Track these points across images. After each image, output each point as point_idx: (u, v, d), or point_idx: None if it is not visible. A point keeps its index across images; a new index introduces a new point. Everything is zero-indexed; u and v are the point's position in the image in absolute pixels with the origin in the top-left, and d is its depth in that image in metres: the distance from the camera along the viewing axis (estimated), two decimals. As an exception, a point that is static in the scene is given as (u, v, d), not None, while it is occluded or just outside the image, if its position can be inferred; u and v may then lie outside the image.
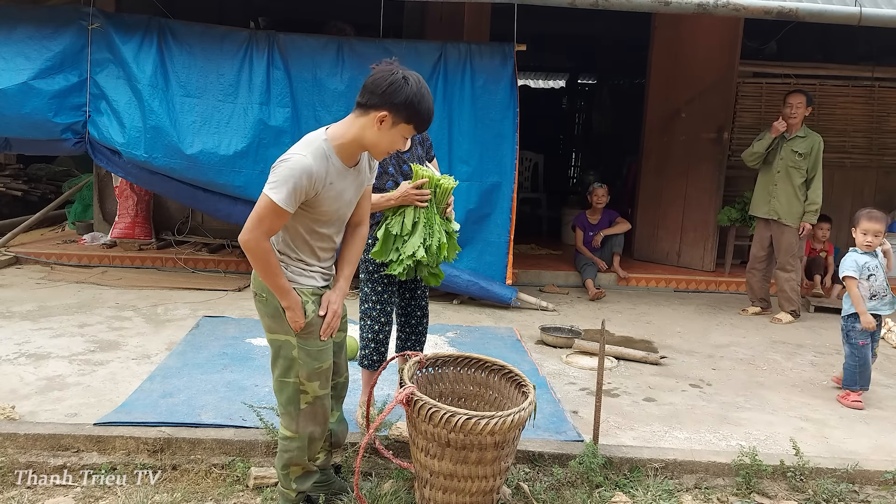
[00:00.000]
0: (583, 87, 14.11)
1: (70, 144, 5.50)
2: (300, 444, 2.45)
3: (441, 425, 2.35)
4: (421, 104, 2.24)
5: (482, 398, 2.90)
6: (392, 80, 2.21)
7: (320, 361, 2.40)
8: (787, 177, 5.55)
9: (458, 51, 5.64)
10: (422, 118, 2.27)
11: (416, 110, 2.23)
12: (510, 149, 5.66)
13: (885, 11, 4.99)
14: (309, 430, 2.45)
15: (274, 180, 2.18)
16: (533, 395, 2.57)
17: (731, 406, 3.80)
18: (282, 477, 2.53)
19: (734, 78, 6.70)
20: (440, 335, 4.74)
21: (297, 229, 2.35)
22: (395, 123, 2.24)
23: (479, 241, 5.70)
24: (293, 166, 2.18)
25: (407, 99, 2.21)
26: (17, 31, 5.34)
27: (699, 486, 3.02)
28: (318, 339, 2.39)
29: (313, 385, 2.40)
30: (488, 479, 2.49)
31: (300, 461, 2.48)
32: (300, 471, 2.51)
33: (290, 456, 2.46)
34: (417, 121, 2.26)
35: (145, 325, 4.71)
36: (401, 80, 2.21)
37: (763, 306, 5.91)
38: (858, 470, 3.06)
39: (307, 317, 2.35)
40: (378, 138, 2.26)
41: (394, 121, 2.23)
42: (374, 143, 2.28)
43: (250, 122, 5.44)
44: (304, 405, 2.41)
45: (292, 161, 2.19)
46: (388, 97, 2.20)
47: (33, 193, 8.88)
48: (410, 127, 2.27)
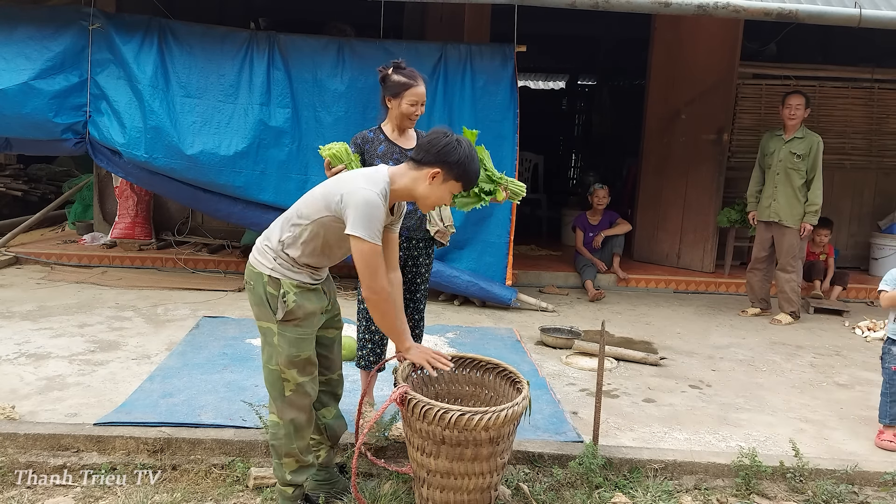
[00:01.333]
0: (583, 88, 14.12)
1: (70, 145, 5.50)
2: (286, 430, 2.52)
3: (435, 423, 2.36)
4: (471, 165, 2.49)
5: (478, 398, 2.91)
6: (447, 142, 2.46)
7: (298, 350, 2.49)
8: (786, 178, 5.56)
9: (458, 52, 5.64)
10: (470, 178, 2.52)
11: (465, 170, 2.48)
12: (510, 150, 5.66)
13: (885, 13, 5.00)
14: (291, 416, 2.52)
15: (359, 222, 2.31)
16: (527, 390, 2.58)
17: (731, 407, 3.80)
18: (276, 467, 2.59)
19: (734, 79, 6.70)
20: (440, 336, 4.74)
21: (327, 240, 2.45)
22: (446, 180, 2.48)
23: (479, 241, 5.70)
24: (371, 202, 2.33)
25: (459, 160, 2.46)
26: (18, 31, 5.34)
27: (699, 487, 3.02)
28: (295, 327, 2.48)
29: (292, 372, 2.49)
30: (485, 475, 2.50)
31: (290, 450, 2.54)
32: (294, 464, 2.56)
33: (279, 444, 2.53)
34: (466, 180, 2.51)
35: (145, 326, 4.72)
36: (454, 143, 2.46)
37: (763, 307, 5.91)
38: (858, 471, 3.07)
39: (287, 306, 2.44)
40: (429, 192, 2.49)
41: (445, 178, 2.47)
42: (425, 196, 2.50)
43: (251, 123, 5.45)
44: (288, 392, 2.51)
45: (369, 198, 2.33)
46: (442, 156, 2.45)
47: (33, 194, 8.88)
48: (459, 185, 2.51)
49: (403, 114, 3.14)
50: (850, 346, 5.15)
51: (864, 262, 7.54)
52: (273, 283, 2.46)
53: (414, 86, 3.11)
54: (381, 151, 3.18)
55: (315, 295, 2.52)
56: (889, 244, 7.19)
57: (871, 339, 5.33)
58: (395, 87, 3.12)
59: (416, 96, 3.12)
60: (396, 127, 3.21)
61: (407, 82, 3.11)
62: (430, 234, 3.35)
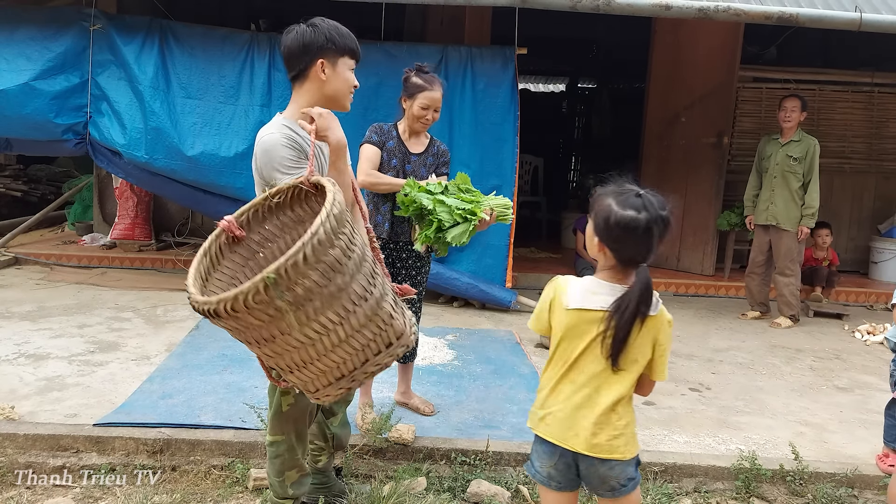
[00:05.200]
0: (583, 91, 14.14)
1: (71, 145, 5.50)
2: (288, 444, 2.36)
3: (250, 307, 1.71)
4: (339, 30, 2.26)
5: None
6: (305, 36, 2.22)
7: None
8: (783, 182, 5.56)
9: (458, 54, 5.65)
10: (347, 42, 2.27)
11: (339, 36, 2.25)
12: (510, 152, 5.67)
13: (885, 17, 5.01)
14: (293, 429, 2.37)
15: (271, 170, 2.15)
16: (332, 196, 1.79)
17: (731, 410, 3.80)
18: (277, 486, 2.42)
19: (734, 83, 6.71)
20: (440, 338, 4.74)
21: None
22: (333, 63, 2.25)
23: (479, 244, 5.70)
24: (269, 143, 2.18)
25: (327, 37, 2.23)
26: (19, 31, 5.35)
27: (698, 490, 3.02)
28: None
29: None
30: (321, 335, 1.82)
31: (293, 462, 2.40)
32: (296, 475, 2.42)
33: (281, 461, 2.37)
34: (346, 45, 2.27)
35: (145, 327, 4.71)
36: (309, 30, 2.22)
37: (762, 311, 5.91)
38: (858, 474, 3.06)
39: None
40: (332, 87, 2.27)
41: (332, 61, 2.24)
42: (332, 93, 2.27)
43: (251, 124, 5.45)
44: (285, 407, 2.33)
45: (266, 141, 2.18)
46: (312, 47, 2.22)
47: (33, 194, 8.88)
48: (347, 56, 2.28)
49: (415, 115, 3.16)
50: (849, 349, 5.15)
51: (863, 265, 7.55)
52: None
53: (428, 89, 3.13)
54: (391, 147, 3.21)
55: None
56: (889, 248, 7.20)
57: (871, 342, 5.33)
58: (412, 89, 3.16)
59: (428, 100, 3.13)
60: (409, 128, 3.23)
61: (423, 85, 3.14)
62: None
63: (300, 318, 1.79)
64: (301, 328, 1.81)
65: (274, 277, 1.69)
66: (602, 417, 1.89)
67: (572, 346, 1.92)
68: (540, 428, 1.95)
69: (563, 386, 1.93)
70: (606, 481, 1.91)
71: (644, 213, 1.85)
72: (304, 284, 1.74)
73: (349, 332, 1.85)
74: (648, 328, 1.88)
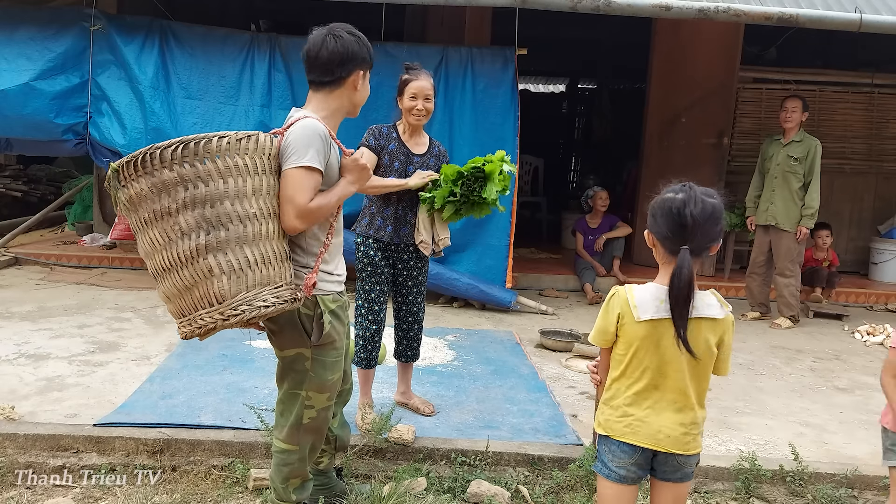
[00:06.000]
0: (583, 92, 14.14)
1: (71, 145, 5.50)
2: (300, 455, 2.37)
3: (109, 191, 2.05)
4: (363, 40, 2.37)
5: None
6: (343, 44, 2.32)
7: (333, 373, 2.31)
8: (784, 182, 5.56)
9: (459, 55, 5.65)
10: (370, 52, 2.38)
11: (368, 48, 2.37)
12: (511, 152, 5.61)
13: (885, 18, 5.01)
14: (310, 441, 2.38)
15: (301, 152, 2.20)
16: (234, 136, 2.03)
17: (731, 411, 3.80)
18: (281, 490, 2.42)
19: (734, 83, 6.72)
20: (440, 338, 4.74)
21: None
22: (365, 75, 2.38)
23: (479, 244, 5.70)
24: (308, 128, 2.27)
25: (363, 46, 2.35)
26: (20, 32, 5.35)
27: (699, 491, 3.02)
28: (334, 349, 2.31)
29: (321, 397, 2.31)
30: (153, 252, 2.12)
31: (301, 471, 2.41)
32: (299, 482, 2.43)
33: (290, 469, 2.38)
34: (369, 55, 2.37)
35: (145, 327, 4.71)
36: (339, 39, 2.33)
37: (763, 311, 5.91)
38: (858, 475, 3.06)
39: (324, 328, 2.24)
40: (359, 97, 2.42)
41: (364, 74, 2.37)
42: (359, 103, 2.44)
43: (251, 125, 5.45)
44: (307, 420, 2.32)
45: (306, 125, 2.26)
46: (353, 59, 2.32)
47: (33, 194, 8.88)
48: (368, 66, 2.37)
49: (405, 109, 3.17)
50: (849, 350, 5.15)
51: (863, 266, 7.54)
52: (308, 301, 2.22)
53: (413, 80, 3.14)
54: (392, 149, 3.21)
55: (341, 308, 2.36)
56: (889, 249, 7.20)
57: (871, 343, 5.34)
58: (400, 85, 3.19)
59: (415, 89, 3.14)
60: (407, 126, 3.23)
61: (407, 78, 3.17)
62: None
63: (134, 221, 2.06)
64: (138, 234, 2.09)
65: (116, 168, 1.96)
66: (690, 417, 2.01)
67: (650, 355, 1.96)
68: (627, 435, 2.00)
69: (648, 392, 1.99)
70: (681, 468, 2.05)
71: (682, 194, 1.92)
72: (134, 187, 1.98)
73: (172, 260, 2.06)
74: (716, 330, 1.99)
